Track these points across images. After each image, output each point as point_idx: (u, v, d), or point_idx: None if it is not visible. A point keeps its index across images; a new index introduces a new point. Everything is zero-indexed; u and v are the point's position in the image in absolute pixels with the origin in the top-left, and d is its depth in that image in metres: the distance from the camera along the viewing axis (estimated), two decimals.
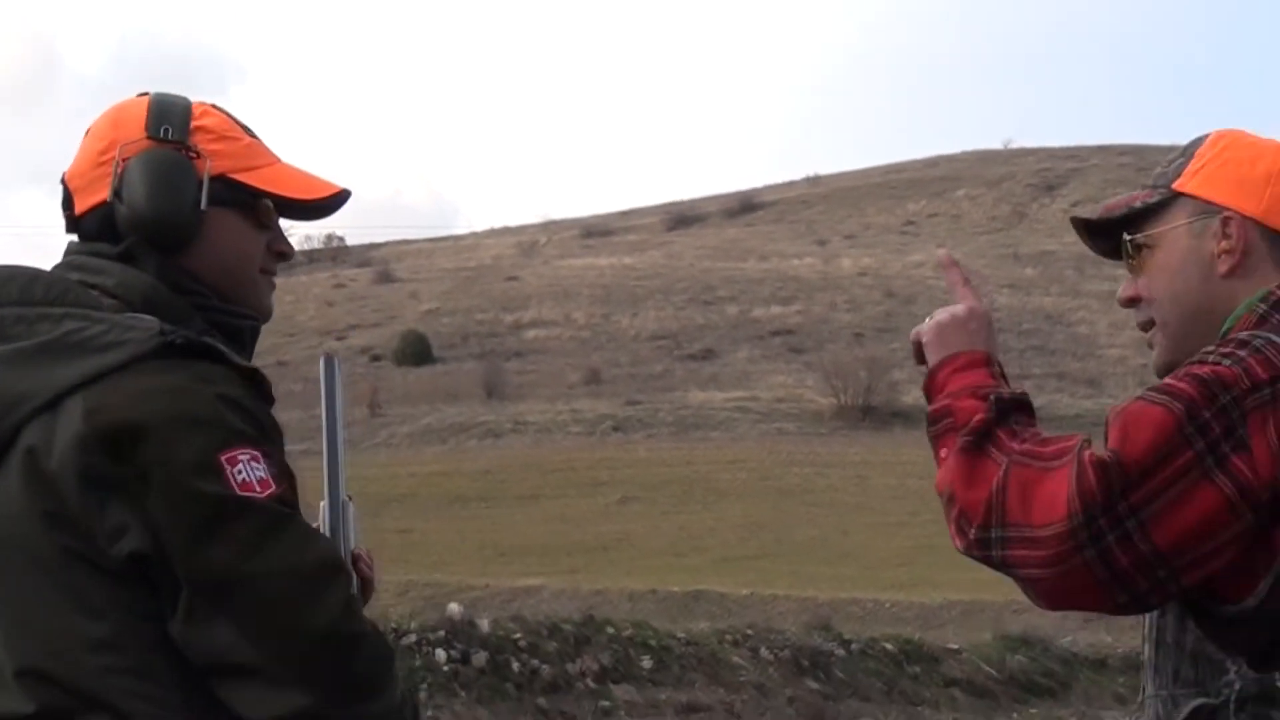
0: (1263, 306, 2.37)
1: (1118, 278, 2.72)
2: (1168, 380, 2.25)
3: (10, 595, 2.24)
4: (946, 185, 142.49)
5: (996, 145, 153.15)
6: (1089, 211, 2.64)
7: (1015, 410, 2.35)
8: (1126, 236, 2.55)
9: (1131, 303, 2.57)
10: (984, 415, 2.31)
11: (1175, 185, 2.51)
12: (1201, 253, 2.46)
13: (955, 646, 19.90)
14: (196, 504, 2.14)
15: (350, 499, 2.65)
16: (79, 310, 2.29)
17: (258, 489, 2.17)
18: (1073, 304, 78.92)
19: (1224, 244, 2.43)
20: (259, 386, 2.36)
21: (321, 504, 2.60)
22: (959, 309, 2.48)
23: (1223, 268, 2.43)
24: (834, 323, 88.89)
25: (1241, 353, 2.23)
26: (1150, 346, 2.59)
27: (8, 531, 2.23)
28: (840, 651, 18.46)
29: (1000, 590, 31.95)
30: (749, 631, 18.91)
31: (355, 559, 2.59)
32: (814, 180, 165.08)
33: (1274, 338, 2.26)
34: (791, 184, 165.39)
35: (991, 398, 2.34)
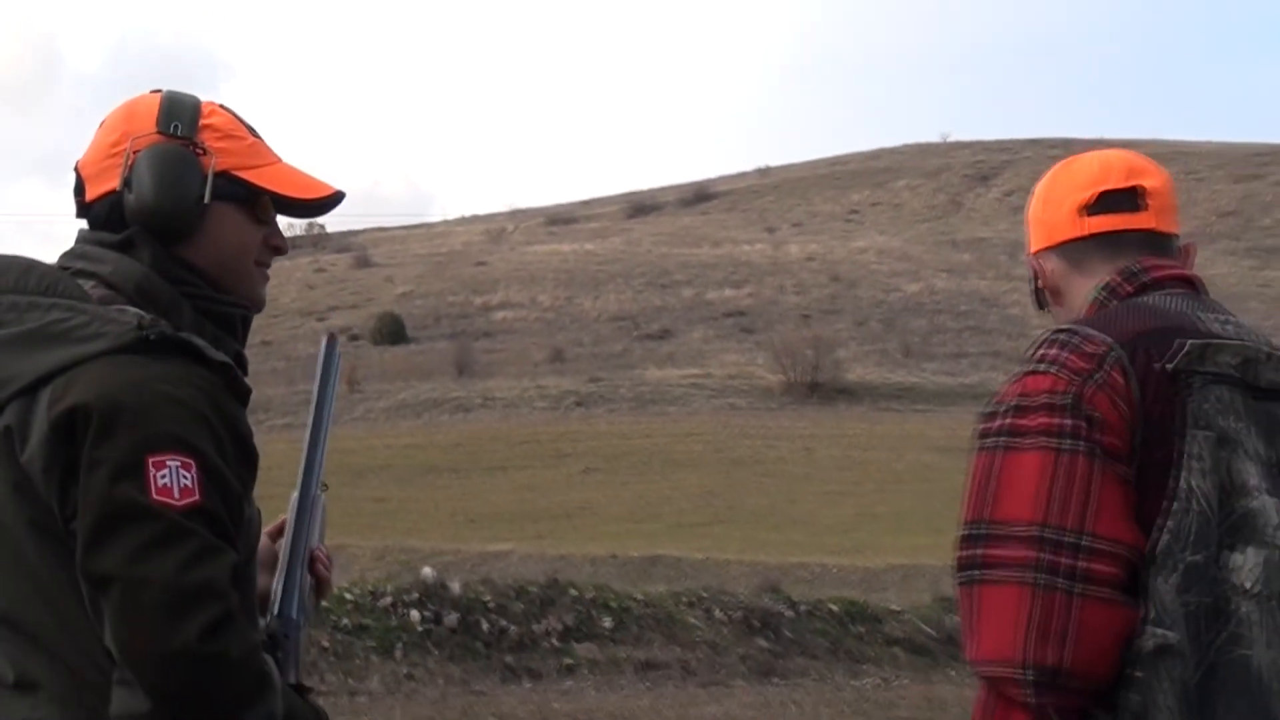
0: (1103, 294, 2.52)
1: None
2: (1014, 421, 2.37)
3: None
4: (888, 176, 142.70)
5: (934, 139, 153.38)
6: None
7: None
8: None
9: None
10: None
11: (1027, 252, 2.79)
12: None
13: (896, 608, 19.92)
14: (104, 503, 2.14)
15: (325, 489, 2.65)
16: (66, 301, 2.30)
17: (176, 497, 2.15)
18: (1005, 287, 79.10)
19: (1039, 282, 2.69)
20: (232, 382, 2.35)
21: (293, 494, 2.60)
22: None
23: (1055, 302, 2.69)
24: (782, 305, 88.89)
25: (1060, 350, 2.39)
26: None
27: None
28: (788, 613, 18.46)
29: (937, 555, 31.99)
30: (703, 594, 18.90)
31: (313, 559, 2.60)
32: (764, 171, 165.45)
33: (1088, 327, 2.39)
34: (743, 175, 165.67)
35: None
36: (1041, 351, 2.41)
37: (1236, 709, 2.21)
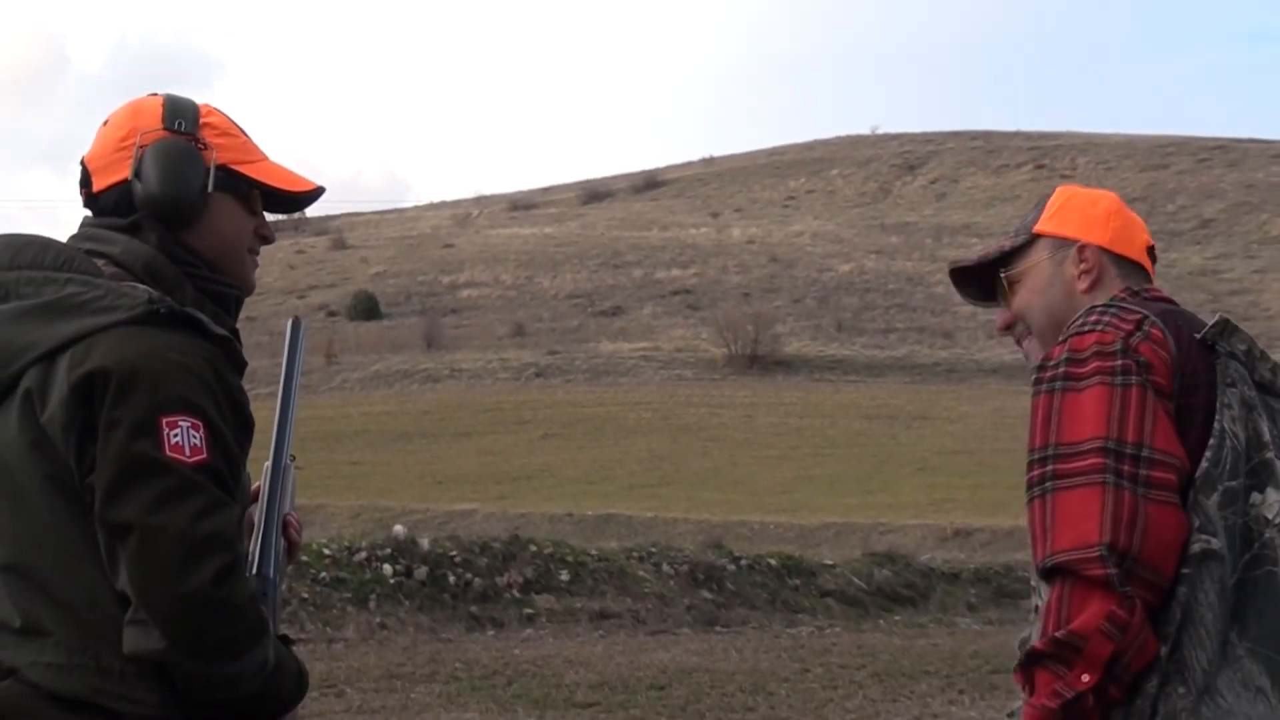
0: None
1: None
2: (1069, 369, 2.48)
3: (10, 505, 2.32)
4: (822, 165, 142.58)
5: (865, 131, 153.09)
6: (969, 258, 2.86)
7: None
8: (1002, 273, 2.77)
9: (1008, 328, 2.80)
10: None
11: (1035, 229, 2.74)
12: (1064, 275, 2.71)
13: (830, 562, 19.94)
14: (123, 458, 2.18)
15: (293, 460, 2.67)
16: (81, 276, 2.35)
17: (187, 454, 2.20)
18: (930, 267, 79.18)
19: (1082, 266, 2.69)
20: (232, 354, 2.40)
21: (266, 465, 2.61)
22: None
23: (1083, 285, 2.69)
24: (725, 284, 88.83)
25: (1100, 320, 2.50)
26: (1026, 357, 2.79)
27: (6, 456, 2.31)
28: (731, 567, 18.46)
29: (867, 513, 32.10)
30: (652, 549, 18.90)
31: (285, 524, 2.60)
32: (708, 161, 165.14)
33: (1123, 308, 2.53)
34: (689, 164, 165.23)
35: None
36: (1083, 320, 2.53)
37: (1265, 614, 2.37)
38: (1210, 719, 2.29)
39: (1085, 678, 2.32)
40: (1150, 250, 2.80)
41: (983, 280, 2.85)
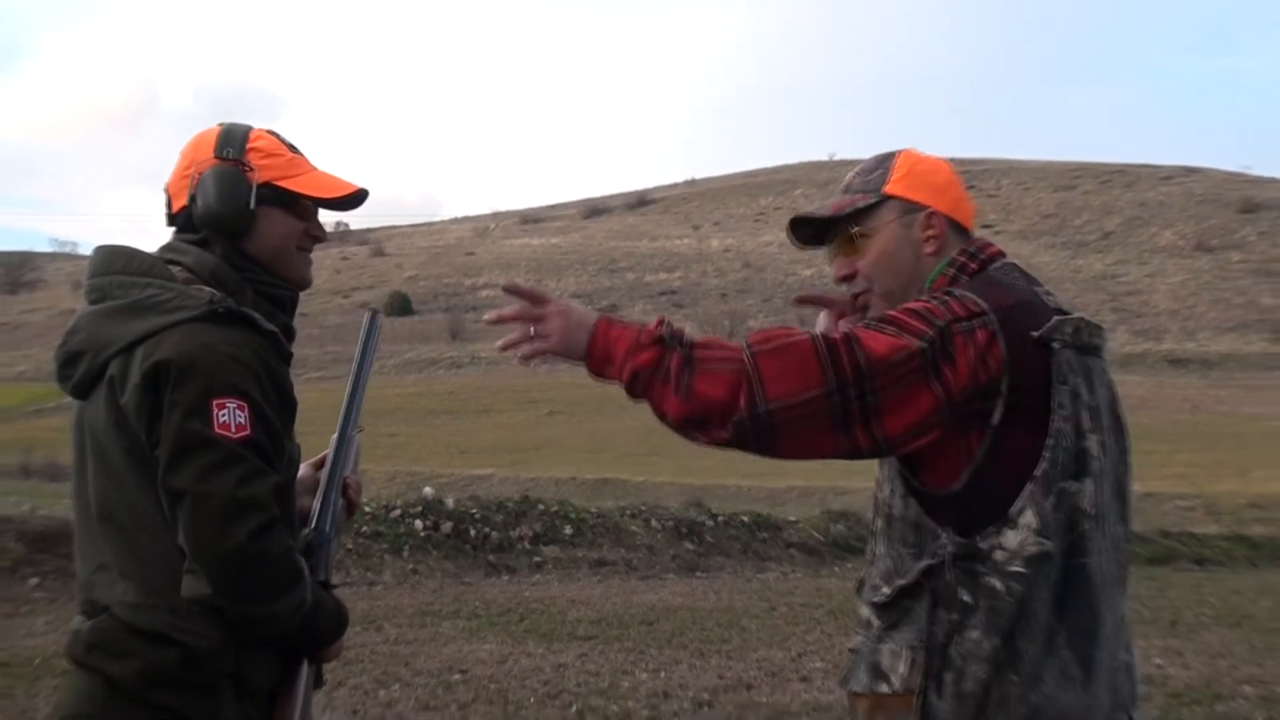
0: (951, 270, 2.44)
1: None
2: (891, 314, 2.29)
3: (97, 471, 2.41)
4: (788, 186, 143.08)
5: (824, 157, 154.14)
6: (817, 210, 2.60)
7: (676, 330, 2.33)
8: (854, 229, 2.54)
9: (847, 279, 2.56)
10: (675, 350, 2.28)
11: (885, 189, 2.51)
12: (912, 239, 2.49)
13: (793, 519, 19.93)
14: (179, 435, 2.27)
15: (360, 431, 2.76)
16: (158, 281, 2.44)
17: (232, 431, 2.28)
18: None
19: (929, 232, 2.49)
20: (278, 346, 2.48)
21: (333, 435, 2.69)
22: (552, 311, 2.39)
23: (929, 249, 2.48)
24: (705, 286, 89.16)
25: (945, 297, 2.28)
26: (865, 309, 2.57)
27: (96, 431, 2.41)
28: (709, 522, 18.44)
29: (826, 477, 32.06)
30: (642, 508, 18.88)
31: (345, 486, 2.69)
32: (691, 182, 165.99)
33: (967, 292, 2.30)
34: (674, 185, 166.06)
35: (659, 336, 2.31)
36: (926, 298, 2.34)
37: (1080, 607, 2.23)
38: (1036, 704, 2.18)
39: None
40: (972, 219, 2.61)
41: (818, 229, 2.60)
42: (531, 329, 2.40)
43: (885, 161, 2.56)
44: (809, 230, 2.61)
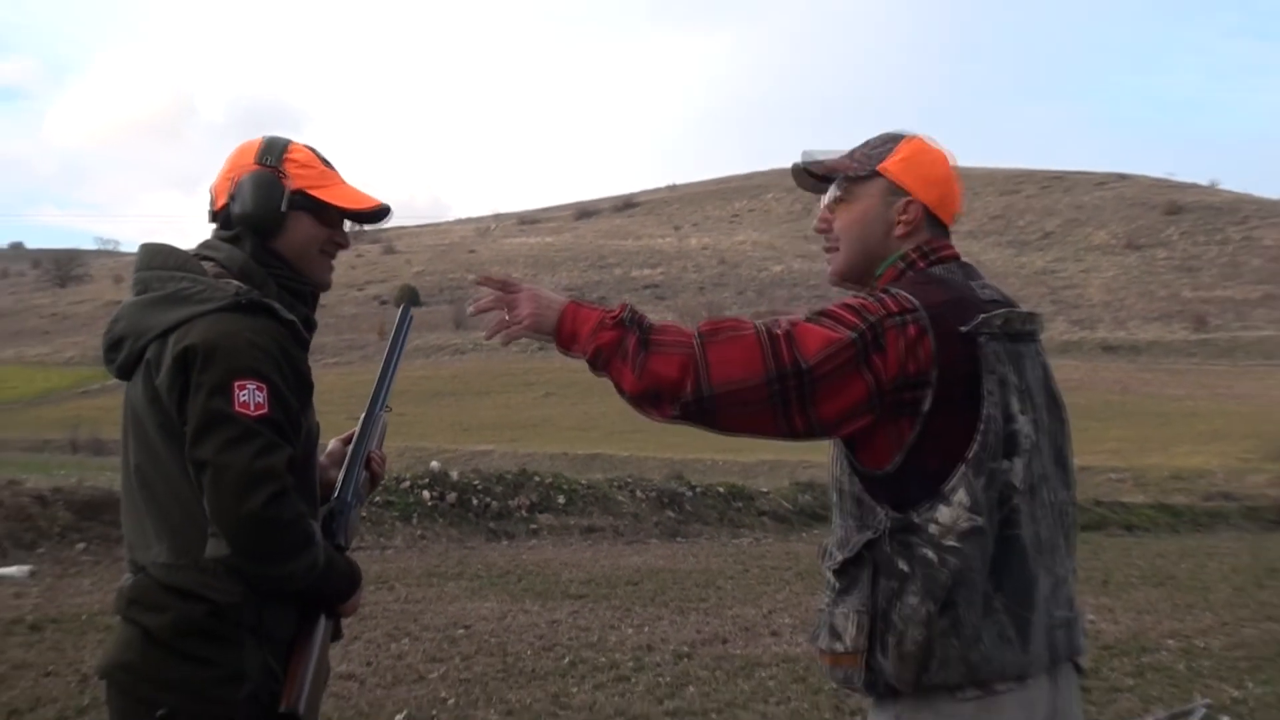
0: (901, 264, 2.42)
1: None
2: (829, 308, 2.29)
3: (137, 444, 2.46)
4: (760, 190, 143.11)
5: (792, 164, 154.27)
6: (817, 159, 2.59)
7: (636, 315, 2.33)
8: (838, 192, 2.52)
9: (825, 231, 2.54)
10: (633, 332, 2.28)
11: (880, 166, 2.48)
12: (887, 218, 2.45)
13: (765, 489, 19.93)
14: (204, 412, 2.31)
15: (388, 410, 2.80)
16: (191, 275, 2.48)
17: (251, 409, 2.31)
18: None
19: (904, 217, 2.45)
20: (297, 334, 2.50)
21: (362, 414, 2.73)
22: (523, 296, 2.40)
23: (899, 231, 2.45)
24: (685, 280, 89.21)
25: (882, 295, 2.28)
26: (829, 262, 2.57)
27: (136, 408, 2.46)
28: (689, 493, 18.44)
29: (794, 453, 32.13)
30: (628, 479, 18.87)
31: (369, 460, 2.74)
32: (673, 187, 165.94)
33: (903, 290, 2.29)
34: (657, 189, 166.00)
35: (621, 319, 2.31)
36: (865, 295, 2.33)
37: (1014, 575, 2.24)
38: (975, 662, 2.19)
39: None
40: (955, 216, 2.58)
41: (818, 179, 2.59)
42: (506, 314, 2.40)
43: (893, 141, 2.54)
44: (810, 178, 2.60)
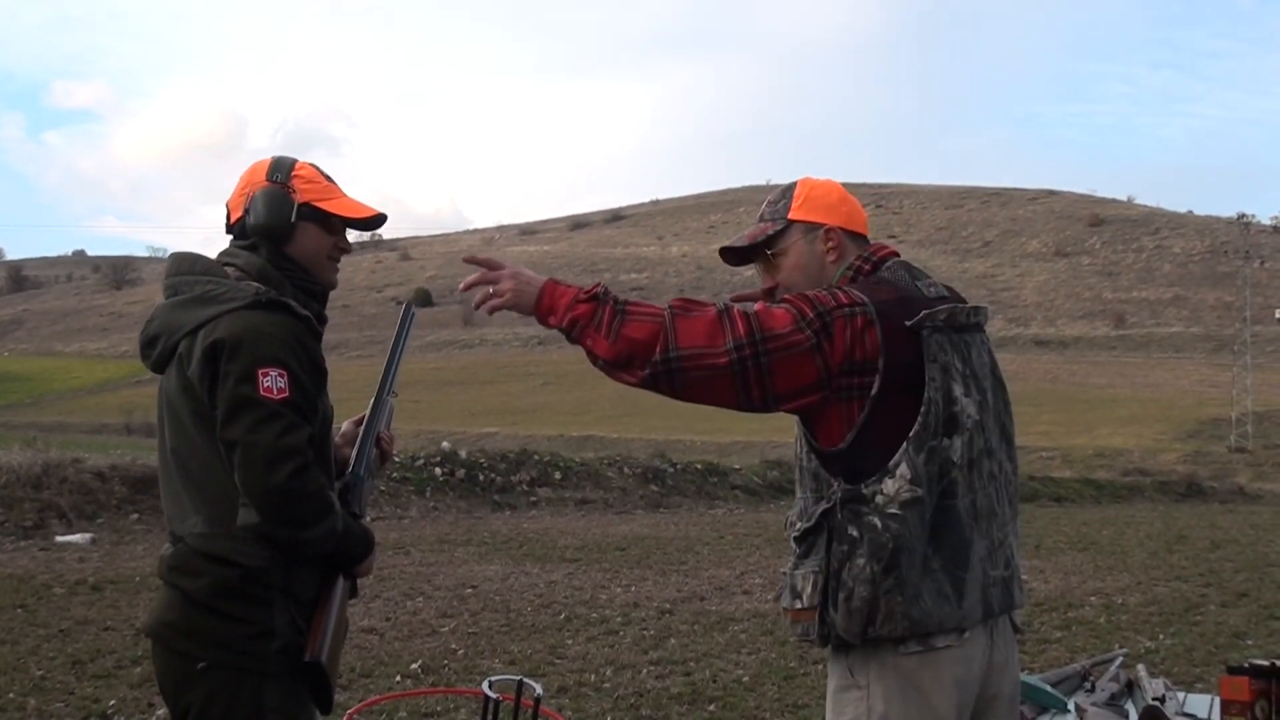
0: (850, 272, 2.41)
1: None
2: (787, 297, 2.28)
3: (172, 429, 2.46)
4: (732, 205, 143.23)
5: (762, 182, 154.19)
6: (737, 240, 2.56)
7: (609, 292, 2.31)
8: (769, 252, 2.50)
9: (771, 290, 2.50)
10: (608, 304, 2.25)
11: (789, 216, 2.48)
12: (816, 252, 2.45)
13: (738, 466, 19.96)
14: (232, 397, 2.30)
15: (395, 395, 2.78)
16: (215, 278, 2.48)
17: (274, 393, 2.31)
18: None
19: (829, 244, 2.45)
20: (311, 327, 2.48)
21: (371, 399, 2.71)
22: (505, 274, 2.37)
23: (831, 258, 2.44)
24: (666, 284, 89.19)
25: (835, 291, 2.27)
26: None
27: (171, 397, 2.45)
28: (670, 469, 18.46)
29: (764, 433, 32.15)
30: (617, 458, 18.89)
31: (379, 439, 2.71)
32: (656, 202, 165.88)
33: (853, 289, 2.28)
34: (642, 204, 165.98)
35: (596, 294, 2.28)
36: (822, 290, 2.32)
37: (950, 540, 2.25)
38: (918, 617, 2.19)
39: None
40: (864, 223, 2.57)
41: (743, 253, 2.57)
42: (490, 289, 2.38)
43: (788, 192, 2.54)
44: (735, 255, 2.58)
